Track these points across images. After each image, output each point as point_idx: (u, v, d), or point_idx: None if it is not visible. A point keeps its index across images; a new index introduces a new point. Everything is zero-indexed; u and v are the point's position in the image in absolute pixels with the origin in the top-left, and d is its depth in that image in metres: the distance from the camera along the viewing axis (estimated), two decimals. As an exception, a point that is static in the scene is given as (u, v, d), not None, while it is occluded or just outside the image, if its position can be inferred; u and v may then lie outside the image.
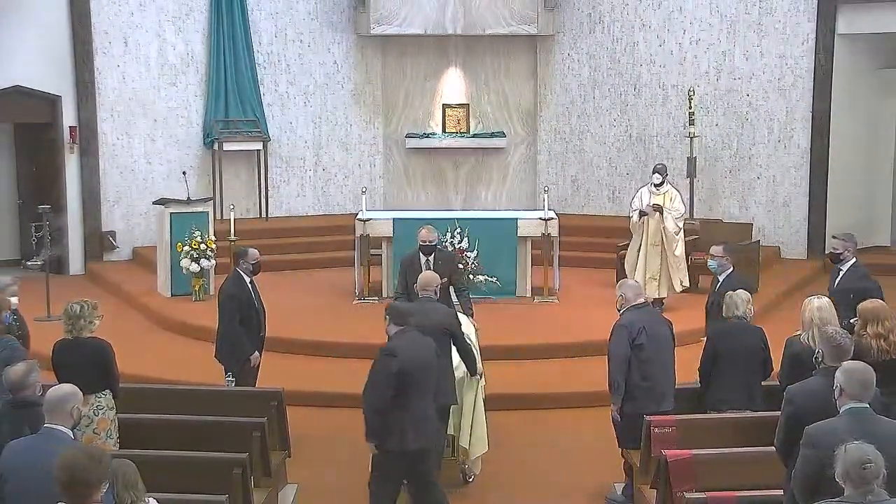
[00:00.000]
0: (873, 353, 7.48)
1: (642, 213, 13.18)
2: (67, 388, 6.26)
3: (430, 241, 11.10)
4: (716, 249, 10.29)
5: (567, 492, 9.13)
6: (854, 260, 10.13)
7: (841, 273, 10.08)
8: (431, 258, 11.11)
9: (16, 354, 7.59)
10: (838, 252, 10.23)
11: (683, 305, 13.21)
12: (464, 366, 8.85)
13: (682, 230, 13.45)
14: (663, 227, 13.18)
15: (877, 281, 9.82)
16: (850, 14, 15.80)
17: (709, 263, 10.41)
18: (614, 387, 8.52)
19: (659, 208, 13.10)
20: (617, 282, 10.73)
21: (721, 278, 10.03)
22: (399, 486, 8.08)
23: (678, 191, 13.47)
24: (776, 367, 8.60)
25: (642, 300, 8.92)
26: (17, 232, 16.36)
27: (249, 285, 9.94)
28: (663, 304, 13.14)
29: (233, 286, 9.85)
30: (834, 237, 10.70)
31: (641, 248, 13.33)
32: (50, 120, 15.92)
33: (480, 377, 9.33)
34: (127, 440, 8.02)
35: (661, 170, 13.34)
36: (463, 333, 8.71)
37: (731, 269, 10.11)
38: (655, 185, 13.23)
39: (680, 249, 13.33)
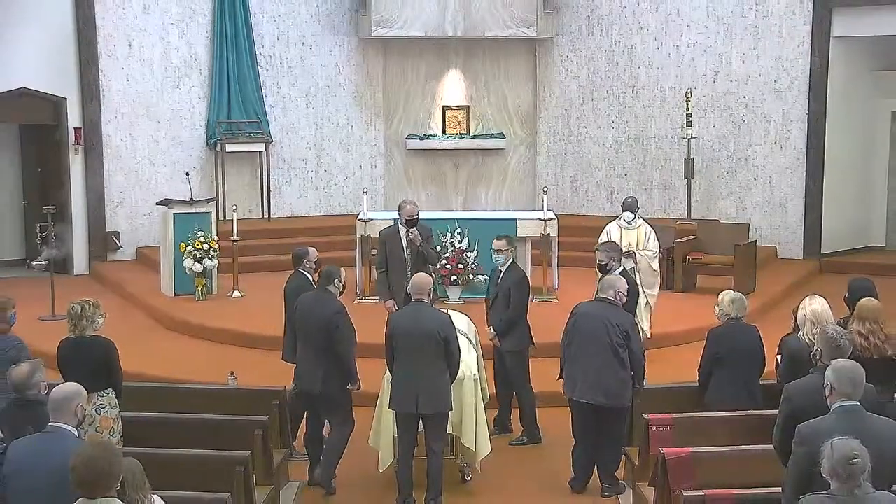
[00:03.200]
0: (861, 352, 7.47)
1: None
2: (71, 386, 6.25)
3: (413, 216, 11.22)
4: (498, 244, 10.22)
5: (565, 487, 9.11)
6: None
7: None
8: (410, 231, 11.20)
9: (22, 354, 7.61)
10: None
11: (676, 304, 13.18)
12: (464, 367, 8.78)
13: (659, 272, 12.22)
14: (637, 272, 11.51)
15: None
16: (844, 17, 15.81)
17: (494, 258, 10.29)
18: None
19: (632, 254, 11.54)
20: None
21: (503, 270, 10.07)
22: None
23: (651, 227, 12.18)
24: (771, 365, 8.64)
25: (606, 295, 8.90)
26: (22, 232, 16.41)
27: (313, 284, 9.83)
28: None
29: (307, 284, 9.70)
30: None
31: None
32: (55, 121, 15.95)
33: (480, 376, 9.33)
34: (130, 438, 8.00)
35: (631, 205, 12.08)
36: (457, 340, 8.59)
37: (512, 260, 10.13)
38: (627, 222, 11.96)
39: (655, 292, 11.92)
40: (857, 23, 15.81)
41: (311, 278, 9.78)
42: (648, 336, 11.41)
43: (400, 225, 11.34)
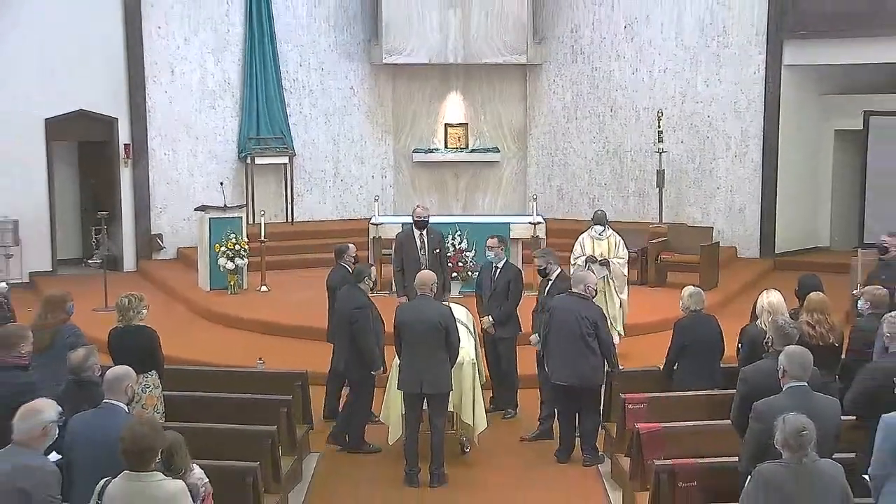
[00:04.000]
0: (809, 339, 7.51)
1: (589, 261, 11.05)
2: (123, 369, 6.30)
3: (423, 217, 11.23)
4: (491, 242, 10.29)
5: (552, 458, 9.11)
6: None
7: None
8: (424, 232, 11.20)
9: (79, 341, 7.61)
10: (884, 246, 10.22)
11: (649, 297, 13.20)
12: (463, 353, 8.78)
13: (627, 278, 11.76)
14: (611, 278, 11.14)
15: None
16: (794, 48, 15.83)
17: (487, 254, 10.32)
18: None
19: (606, 262, 11.18)
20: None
21: (499, 267, 10.14)
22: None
23: (620, 236, 11.61)
24: (731, 351, 8.64)
25: (576, 290, 8.96)
26: (80, 234, 16.43)
27: None
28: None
29: (347, 275, 9.73)
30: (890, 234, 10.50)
31: None
32: (108, 139, 15.96)
33: (478, 360, 9.35)
34: (171, 415, 8.01)
35: (600, 219, 11.50)
36: (456, 329, 8.60)
37: (507, 258, 10.19)
38: (598, 233, 11.38)
39: (625, 295, 11.44)
40: (804, 53, 15.81)
41: (350, 269, 9.80)
42: (623, 335, 11.18)
43: (414, 228, 11.34)
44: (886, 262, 10.14)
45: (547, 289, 9.70)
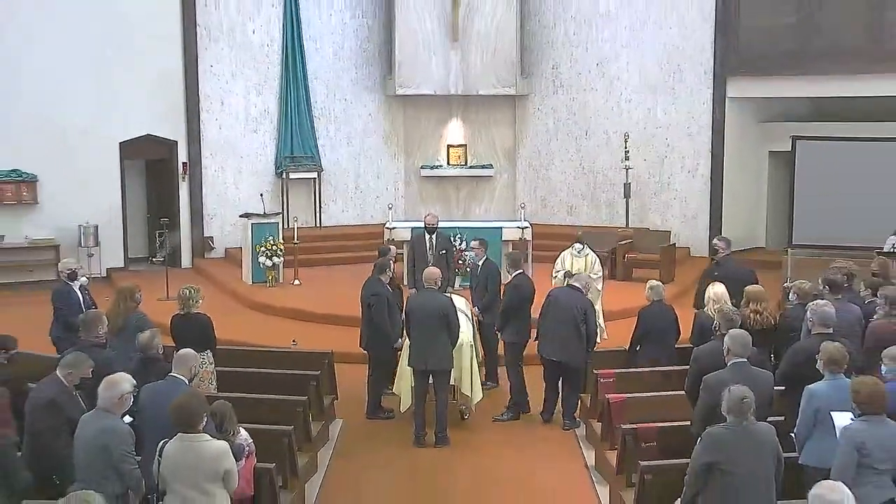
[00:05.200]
0: (749, 324, 7.53)
1: (567, 276, 10.31)
2: (190, 352, 6.45)
3: (432, 224, 11.24)
4: (473, 244, 10.23)
5: (538, 420, 9.15)
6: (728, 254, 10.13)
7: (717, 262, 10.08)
8: (433, 236, 11.19)
9: (145, 325, 7.66)
10: (717, 249, 10.22)
11: (617, 290, 13.21)
12: (462, 336, 8.78)
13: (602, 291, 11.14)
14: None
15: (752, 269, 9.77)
16: (736, 83, 15.82)
17: (471, 255, 10.24)
18: None
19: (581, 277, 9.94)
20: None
21: (480, 264, 10.05)
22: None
23: (596, 254, 11.14)
24: (686, 334, 8.68)
25: (576, 283, 9.04)
26: (146, 237, 16.44)
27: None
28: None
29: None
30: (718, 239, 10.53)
31: None
32: (169, 157, 15.96)
33: (475, 342, 9.36)
34: (222, 386, 8.07)
35: (580, 239, 11.13)
36: (457, 317, 8.61)
37: (486, 257, 10.05)
38: (577, 251, 10.89)
39: (599, 307, 10.66)
40: (744, 88, 15.80)
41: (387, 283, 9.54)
42: (606, 337, 10.66)
43: (425, 232, 11.33)
44: (718, 261, 10.09)
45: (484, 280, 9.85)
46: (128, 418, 5.76)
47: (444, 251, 11.21)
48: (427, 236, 11.28)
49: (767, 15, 15.42)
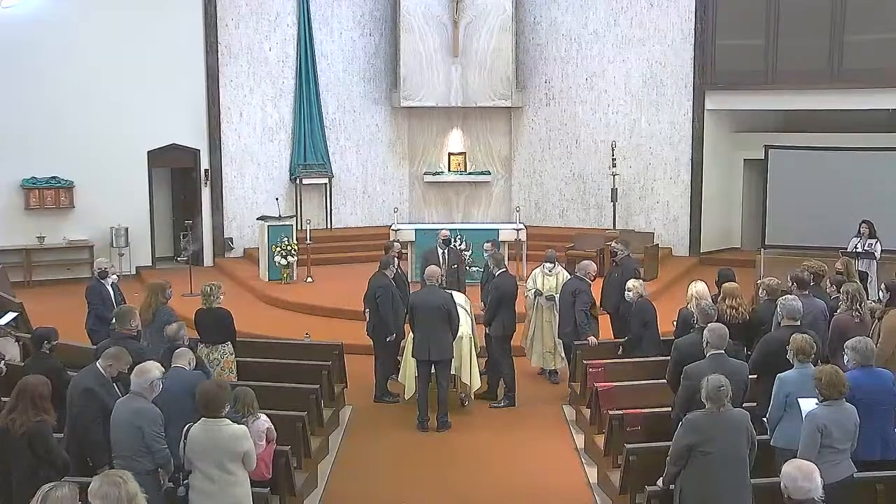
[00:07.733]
0: (726, 318, 7.56)
1: (537, 294, 9.89)
2: (189, 353, 6.59)
3: (446, 239, 11.28)
4: (487, 245, 10.38)
5: (531, 400, 9.17)
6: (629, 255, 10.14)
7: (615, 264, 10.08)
8: (446, 251, 11.20)
9: (172, 318, 7.72)
10: (614, 251, 10.21)
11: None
12: (462, 329, 8.82)
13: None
14: (556, 311, 9.65)
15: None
16: (714, 97, 15.83)
17: (484, 255, 10.34)
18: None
19: (552, 297, 9.74)
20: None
21: (496, 274, 9.71)
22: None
23: (568, 272, 10.06)
24: (669, 327, 8.68)
25: (580, 273, 9.26)
26: (171, 238, 16.45)
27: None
28: (557, 373, 9.96)
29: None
30: (615, 243, 10.47)
31: (535, 326, 9.95)
32: (192, 165, 15.95)
33: (474, 335, 9.35)
34: (242, 375, 8.10)
35: (550, 257, 10.12)
36: (457, 311, 8.63)
37: (504, 270, 9.58)
38: (548, 270, 10.02)
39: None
40: (722, 101, 15.80)
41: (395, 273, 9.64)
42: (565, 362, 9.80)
43: (438, 247, 11.27)
44: (617, 262, 10.04)
45: (489, 280, 9.79)
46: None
47: (455, 265, 11.11)
48: (440, 251, 11.20)
49: (739, 37, 15.52)
